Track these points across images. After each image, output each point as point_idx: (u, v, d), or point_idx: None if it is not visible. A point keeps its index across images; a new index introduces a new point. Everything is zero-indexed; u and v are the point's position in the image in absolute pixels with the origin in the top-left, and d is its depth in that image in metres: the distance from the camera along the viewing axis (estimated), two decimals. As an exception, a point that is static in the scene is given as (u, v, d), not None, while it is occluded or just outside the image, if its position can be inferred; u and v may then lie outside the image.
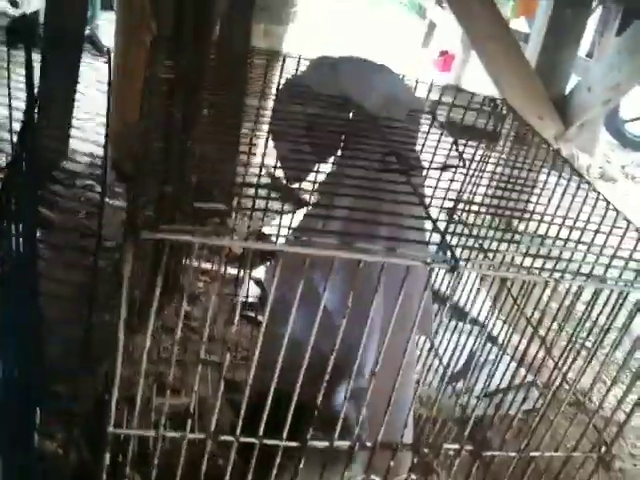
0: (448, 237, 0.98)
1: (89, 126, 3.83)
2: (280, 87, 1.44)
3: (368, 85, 1.38)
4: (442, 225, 1.30)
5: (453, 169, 1.38)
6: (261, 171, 1.52)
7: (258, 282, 2.64)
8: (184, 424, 0.92)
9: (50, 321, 2.19)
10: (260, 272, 2.64)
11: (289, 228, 1.60)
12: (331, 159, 1.40)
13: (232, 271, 2.54)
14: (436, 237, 0.99)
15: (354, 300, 0.99)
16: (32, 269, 1.67)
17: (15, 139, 1.29)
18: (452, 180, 1.49)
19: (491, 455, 1.07)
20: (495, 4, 3.53)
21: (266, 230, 2.64)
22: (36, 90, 1.41)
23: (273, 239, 1.94)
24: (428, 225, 1.01)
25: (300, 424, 0.96)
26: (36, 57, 1.94)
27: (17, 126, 1.31)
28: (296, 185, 1.54)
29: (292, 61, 1.54)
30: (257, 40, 3.25)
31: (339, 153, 1.36)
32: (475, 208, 1.39)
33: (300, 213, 2.34)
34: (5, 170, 1.24)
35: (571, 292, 1.22)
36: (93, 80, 4.39)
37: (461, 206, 1.65)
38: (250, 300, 2.52)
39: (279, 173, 1.52)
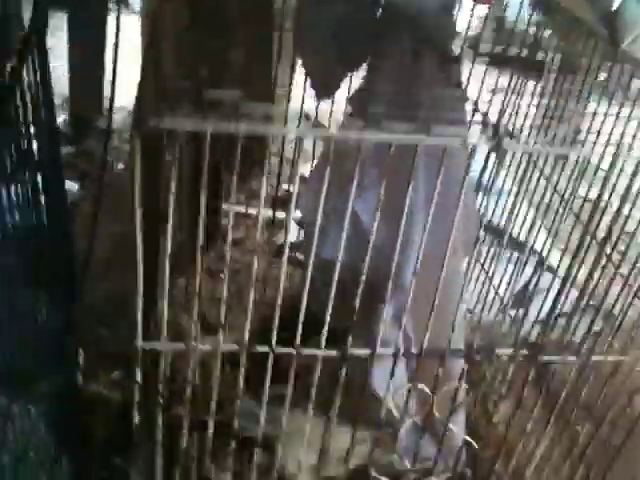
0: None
1: (122, 81, 3.75)
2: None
3: None
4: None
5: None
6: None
7: (299, 223, 2.57)
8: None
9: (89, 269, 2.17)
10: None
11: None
12: (362, 68, 1.31)
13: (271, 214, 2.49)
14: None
15: (391, 206, 0.92)
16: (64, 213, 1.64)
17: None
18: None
19: (548, 361, 0.99)
20: None
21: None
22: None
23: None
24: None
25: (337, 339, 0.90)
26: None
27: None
28: (327, 100, 1.45)
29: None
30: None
31: (369, 60, 1.27)
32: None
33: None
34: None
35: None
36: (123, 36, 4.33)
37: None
38: (292, 241, 2.46)
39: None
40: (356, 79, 1.33)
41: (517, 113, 1.64)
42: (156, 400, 0.90)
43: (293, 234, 2.54)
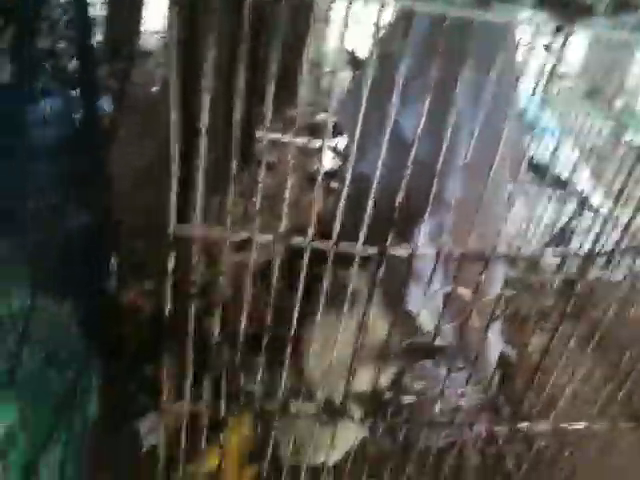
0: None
1: (157, 5, 3.69)
2: None
3: None
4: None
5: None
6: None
7: (335, 150, 2.54)
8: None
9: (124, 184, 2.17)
10: (337, 141, 2.54)
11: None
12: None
13: (307, 142, 2.45)
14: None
15: (436, 118, 0.87)
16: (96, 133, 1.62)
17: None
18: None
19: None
20: None
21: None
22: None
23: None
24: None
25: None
26: None
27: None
28: None
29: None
30: None
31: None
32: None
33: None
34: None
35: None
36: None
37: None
38: (327, 169, 2.43)
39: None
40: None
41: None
42: (189, 293, 0.88)
43: (328, 162, 2.51)
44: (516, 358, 1.08)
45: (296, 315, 0.89)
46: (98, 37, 3.09)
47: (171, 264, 0.80)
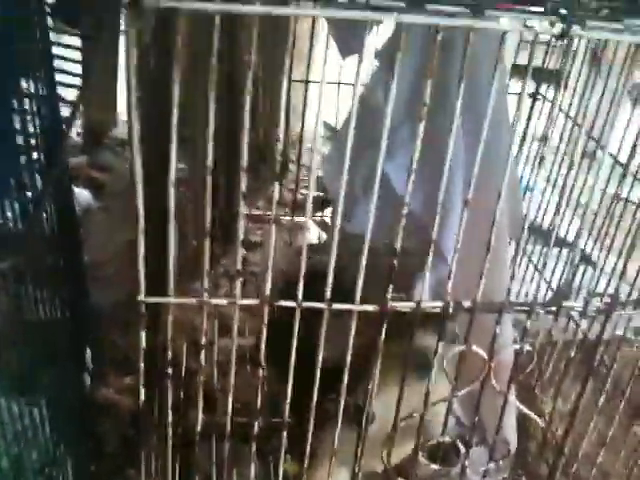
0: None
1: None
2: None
3: None
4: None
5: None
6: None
7: (320, 225, 2.47)
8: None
9: (98, 277, 2.09)
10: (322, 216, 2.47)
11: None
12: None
13: (290, 219, 2.40)
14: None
15: (426, 166, 0.80)
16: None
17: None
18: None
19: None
20: None
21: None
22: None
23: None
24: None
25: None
26: None
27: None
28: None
29: None
30: None
31: None
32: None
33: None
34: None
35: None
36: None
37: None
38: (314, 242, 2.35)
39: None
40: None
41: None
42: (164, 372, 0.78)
43: (315, 236, 2.44)
44: (544, 424, 0.96)
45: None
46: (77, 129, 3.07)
47: (143, 339, 0.70)
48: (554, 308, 0.79)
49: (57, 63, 1.32)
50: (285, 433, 0.85)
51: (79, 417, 1.33)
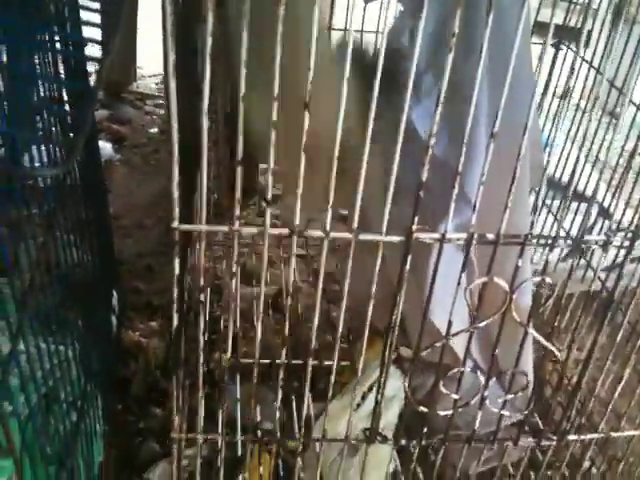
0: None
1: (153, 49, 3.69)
2: None
3: None
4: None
5: None
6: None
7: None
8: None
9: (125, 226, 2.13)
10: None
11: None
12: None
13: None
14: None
15: (451, 112, 0.80)
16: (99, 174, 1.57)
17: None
18: None
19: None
20: None
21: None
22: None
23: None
24: None
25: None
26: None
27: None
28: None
29: None
30: None
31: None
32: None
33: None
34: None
35: None
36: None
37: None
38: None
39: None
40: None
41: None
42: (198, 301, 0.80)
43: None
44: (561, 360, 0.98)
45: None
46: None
47: (177, 266, 0.72)
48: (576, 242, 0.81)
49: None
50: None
51: (107, 357, 1.37)
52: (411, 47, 1.03)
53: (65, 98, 1.20)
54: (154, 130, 2.88)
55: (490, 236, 0.77)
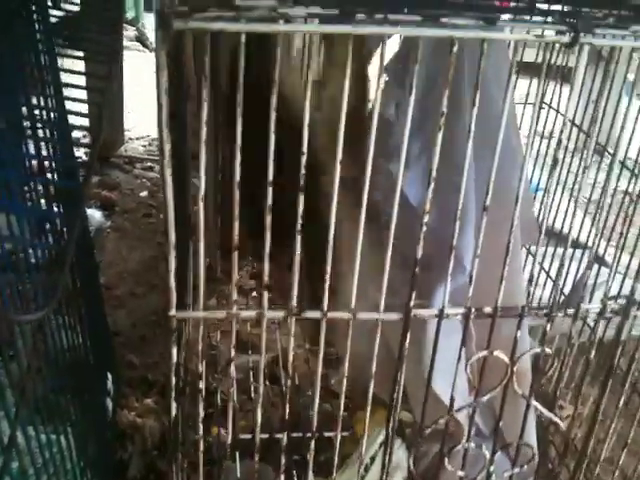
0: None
1: (147, 112, 3.69)
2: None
3: None
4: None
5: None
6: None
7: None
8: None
9: (118, 295, 2.11)
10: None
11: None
12: None
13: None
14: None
15: (440, 178, 0.80)
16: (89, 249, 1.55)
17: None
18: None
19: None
20: None
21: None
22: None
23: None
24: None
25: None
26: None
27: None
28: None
29: None
30: None
31: None
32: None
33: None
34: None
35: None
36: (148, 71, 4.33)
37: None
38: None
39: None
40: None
41: None
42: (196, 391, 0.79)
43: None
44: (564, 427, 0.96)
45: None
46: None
47: (174, 354, 0.71)
48: (572, 311, 0.81)
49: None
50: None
51: (104, 443, 1.34)
52: (397, 118, 1.04)
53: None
54: (144, 194, 2.89)
55: (487, 309, 0.77)
